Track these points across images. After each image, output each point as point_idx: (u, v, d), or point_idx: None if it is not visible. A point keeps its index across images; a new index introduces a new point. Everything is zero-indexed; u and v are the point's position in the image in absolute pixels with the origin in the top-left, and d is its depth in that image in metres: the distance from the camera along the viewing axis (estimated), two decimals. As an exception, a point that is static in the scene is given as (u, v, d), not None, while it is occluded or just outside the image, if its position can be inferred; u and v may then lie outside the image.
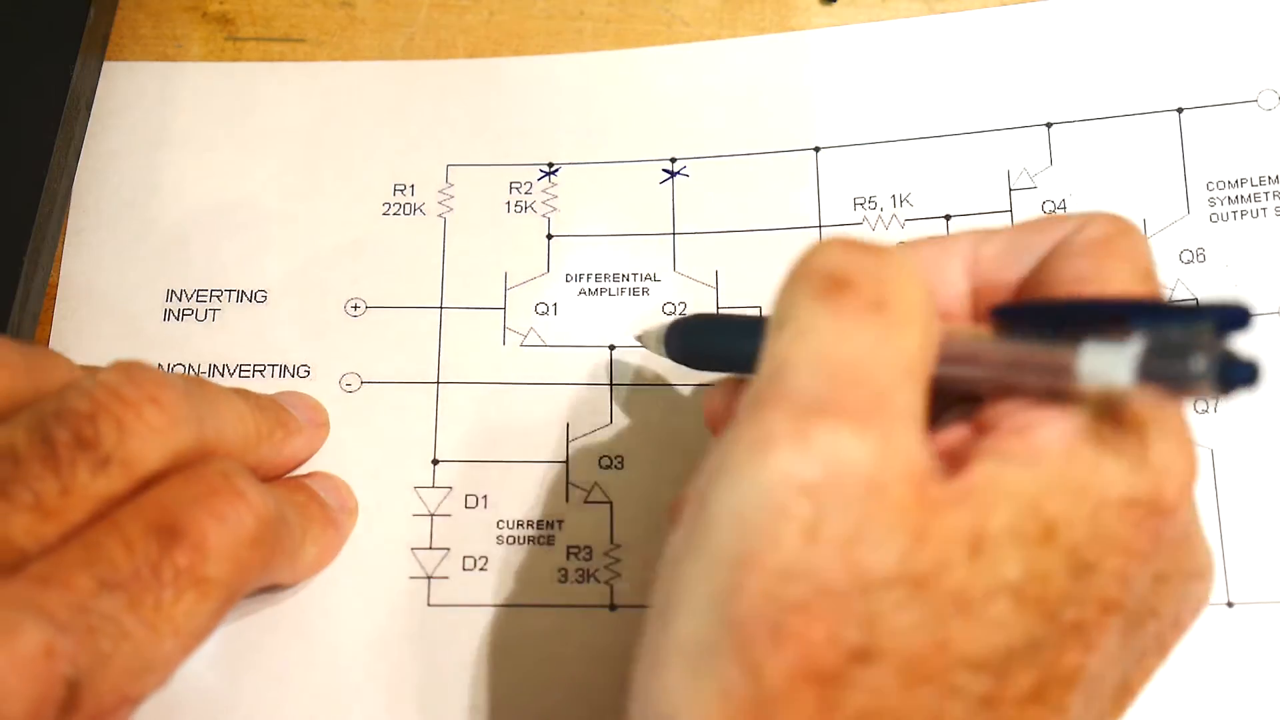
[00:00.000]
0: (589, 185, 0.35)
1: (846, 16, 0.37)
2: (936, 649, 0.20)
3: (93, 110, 0.35)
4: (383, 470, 0.31)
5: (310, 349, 0.33)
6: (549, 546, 0.31)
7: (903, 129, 0.35)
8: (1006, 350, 0.22)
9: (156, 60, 0.36)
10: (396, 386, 0.32)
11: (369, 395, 0.32)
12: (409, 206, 0.35)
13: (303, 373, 0.33)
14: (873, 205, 0.34)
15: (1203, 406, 0.32)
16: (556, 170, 0.35)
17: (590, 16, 0.38)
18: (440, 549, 0.31)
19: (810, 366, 0.20)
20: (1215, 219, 0.33)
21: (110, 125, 0.35)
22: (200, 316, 0.33)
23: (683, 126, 0.35)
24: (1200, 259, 0.32)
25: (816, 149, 0.35)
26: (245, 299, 0.33)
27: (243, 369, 0.33)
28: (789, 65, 0.36)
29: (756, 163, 0.35)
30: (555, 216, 0.35)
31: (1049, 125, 0.34)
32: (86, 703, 0.22)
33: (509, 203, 0.35)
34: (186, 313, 0.33)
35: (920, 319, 0.21)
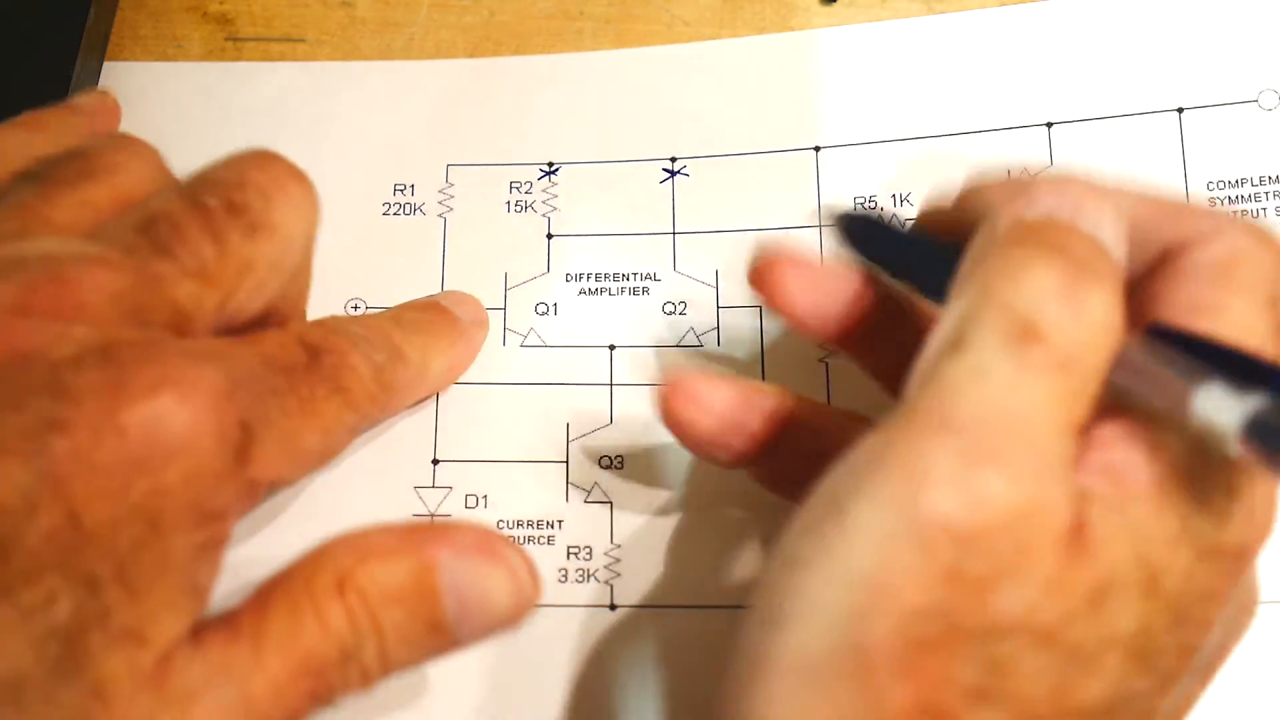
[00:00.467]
0: (589, 185, 0.35)
1: (846, 16, 0.37)
2: (1050, 697, 0.20)
3: (93, 110, 0.35)
4: (383, 470, 0.31)
5: (310, 349, 0.33)
6: (549, 546, 0.31)
7: (903, 128, 0.35)
8: (1138, 361, 0.21)
9: (156, 60, 0.37)
10: (397, 386, 0.32)
11: (369, 395, 0.32)
12: (409, 206, 0.35)
13: (303, 373, 0.33)
14: (873, 204, 0.34)
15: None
16: (556, 170, 0.35)
17: (590, 16, 0.38)
18: (440, 549, 0.31)
19: (983, 411, 0.20)
20: (1215, 219, 0.33)
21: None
22: (200, 316, 0.33)
23: (683, 126, 0.35)
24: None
25: (817, 148, 0.35)
26: (245, 299, 0.33)
27: (243, 369, 0.33)
28: (789, 65, 0.36)
29: (757, 162, 0.35)
30: (555, 216, 0.35)
31: (1049, 125, 0.34)
32: (255, 458, 0.23)
33: (509, 202, 0.35)
34: (186, 313, 0.33)
35: (1097, 379, 0.21)
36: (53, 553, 0.21)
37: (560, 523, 0.31)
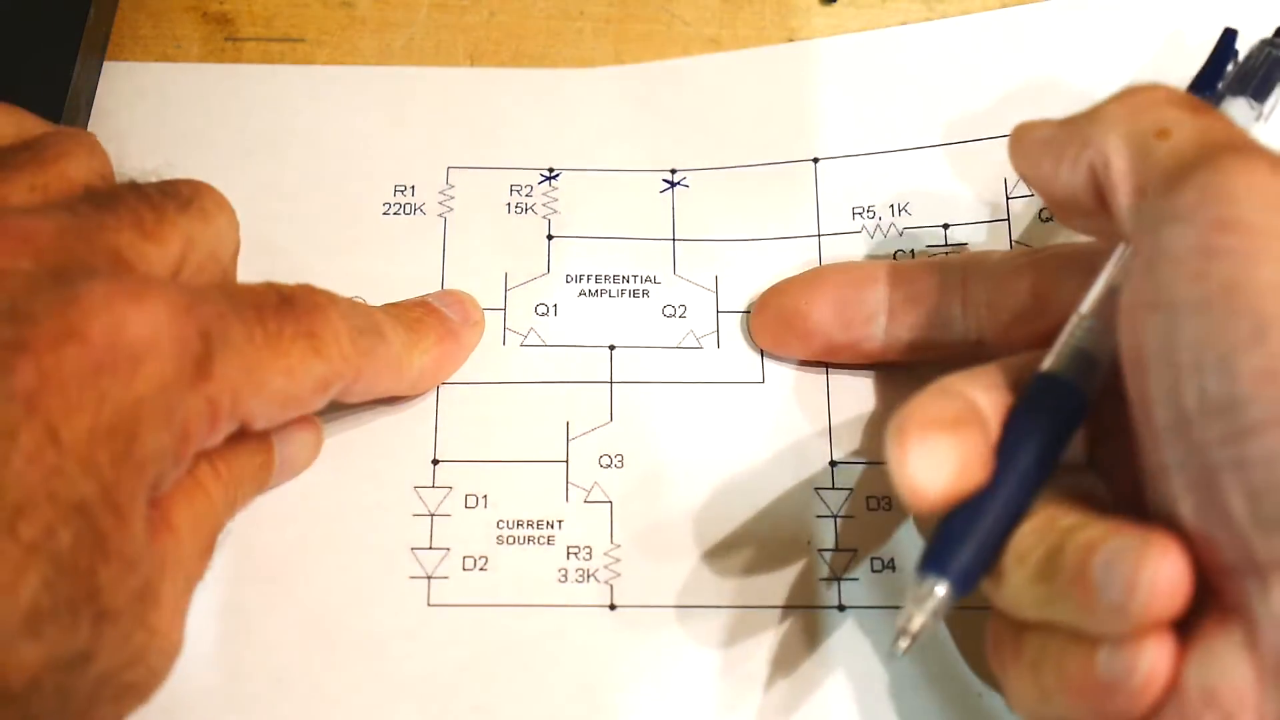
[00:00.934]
0: (589, 191, 0.35)
1: (846, 16, 0.37)
2: None
3: (92, 111, 0.35)
4: (383, 470, 0.31)
5: (310, 349, 0.33)
6: (549, 546, 0.31)
7: (900, 139, 0.35)
8: None
9: (156, 60, 0.37)
10: (397, 386, 0.32)
11: (369, 395, 0.32)
12: (409, 207, 0.35)
13: (303, 373, 0.33)
14: (871, 215, 0.34)
15: None
16: (557, 175, 0.35)
17: (590, 16, 0.38)
18: (440, 549, 0.31)
19: None
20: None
21: (110, 126, 0.35)
22: (200, 316, 0.33)
23: (683, 139, 0.36)
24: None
25: (815, 160, 0.35)
26: (245, 299, 0.33)
27: (243, 369, 0.33)
28: (787, 76, 0.36)
29: (756, 174, 0.35)
30: (555, 218, 0.35)
31: None
32: (215, 374, 0.24)
33: (509, 204, 0.35)
34: (187, 313, 0.33)
35: None
36: (39, 477, 0.21)
37: (560, 523, 0.31)
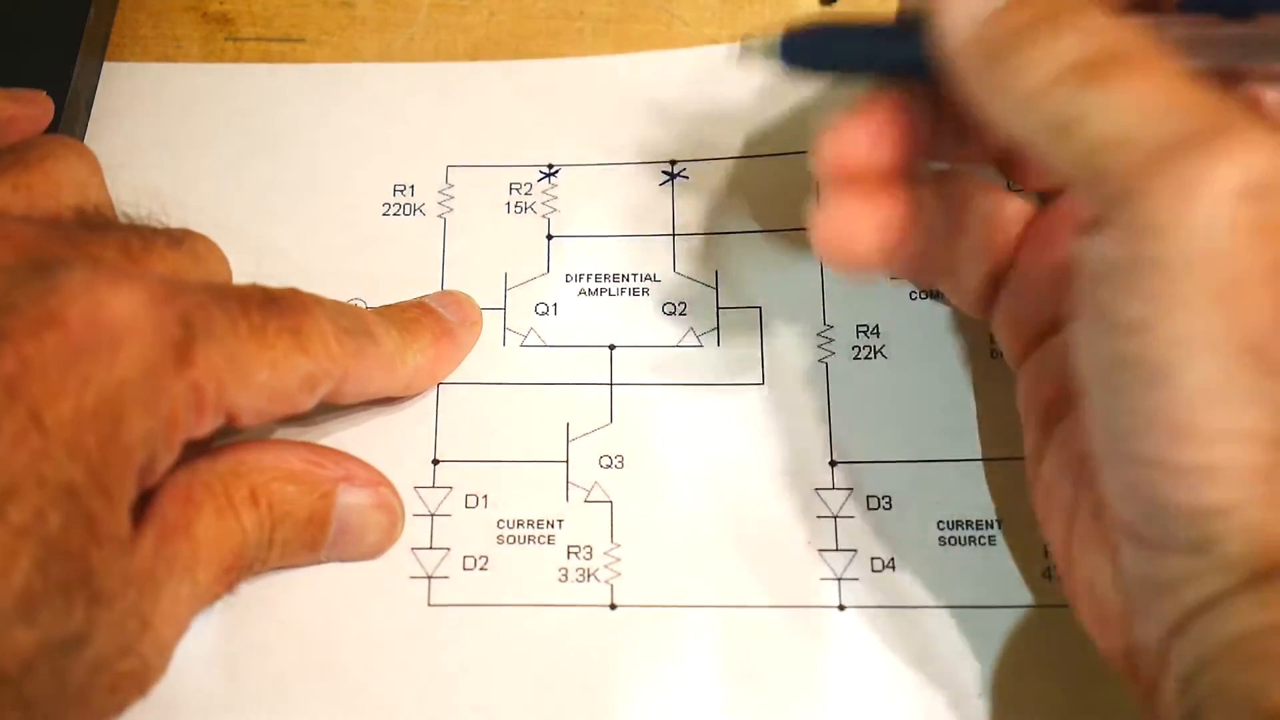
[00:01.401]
0: (589, 187, 0.35)
1: (846, 16, 0.37)
2: None
3: (92, 111, 0.35)
4: (383, 470, 0.31)
5: (310, 349, 0.33)
6: (549, 546, 0.31)
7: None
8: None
9: (156, 60, 0.37)
10: (396, 386, 0.32)
11: (369, 395, 0.32)
12: (409, 207, 0.35)
13: (303, 373, 0.33)
14: None
15: None
16: (556, 172, 0.35)
17: (590, 16, 0.38)
18: (440, 549, 0.31)
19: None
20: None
21: (110, 126, 0.35)
22: (200, 316, 0.33)
23: (682, 130, 0.35)
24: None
25: None
26: (245, 299, 0.33)
27: (243, 369, 0.33)
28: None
29: (756, 166, 0.35)
30: (555, 217, 0.35)
31: None
32: (198, 360, 0.24)
33: (509, 203, 0.35)
34: (186, 313, 0.33)
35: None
36: (25, 461, 0.22)
37: (560, 522, 0.31)
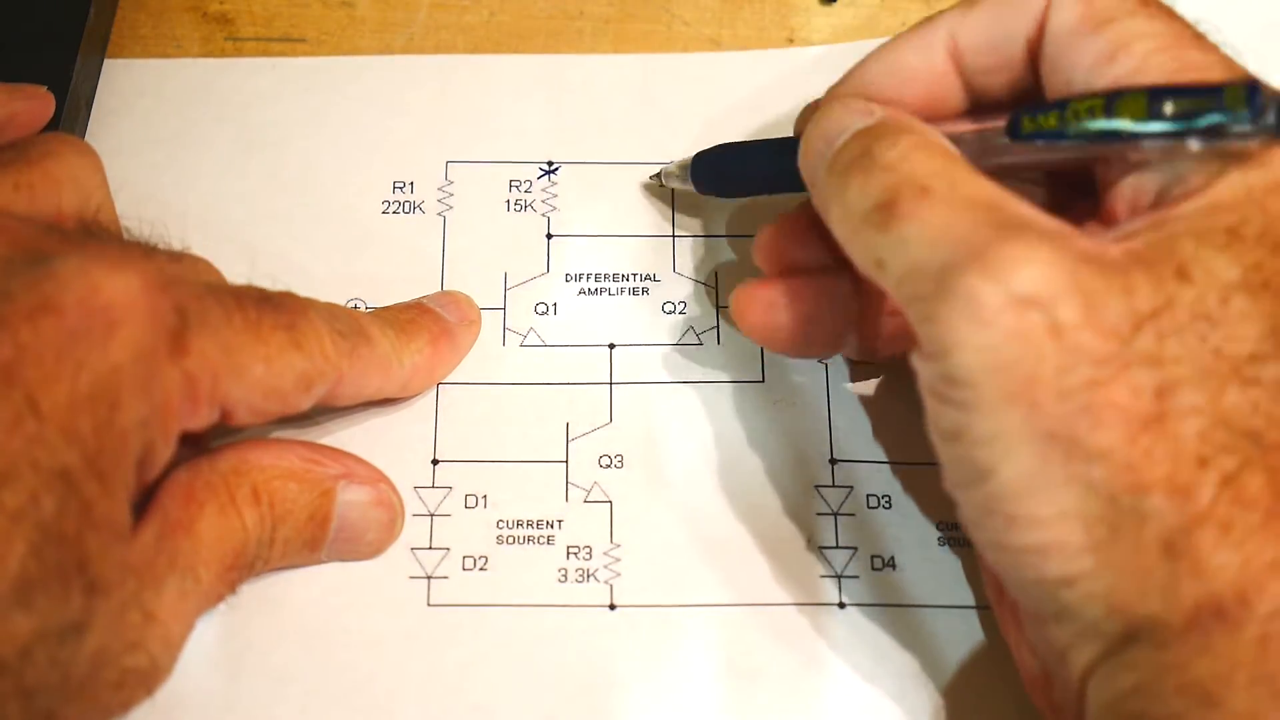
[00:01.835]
0: (588, 185, 0.35)
1: (846, 16, 0.37)
2: (1215, 357, 0.22)
3: (93, 109, 0.35)
4: (383, 470, 0.31)
5: (310, 348, 0.33)
6: (549, 546, 0.31)
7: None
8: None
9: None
10: (396, 386, 0.32)
11: (368, 395, 0.32)
12: (408, 205, 0.35)
13: (302, 372, 0.32)
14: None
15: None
16: (556, 169, 0.35)
17: (590, 16, 0.38)
18: (440, 549, 0.31)
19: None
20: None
21: (110, 124, 0.35)
22: (200, 316, 0.33)
23: (683, 132, 0.36)
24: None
25: None
26: (245, 298, 0.33)
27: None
28: (789, 78, 0.36)
29: None
30: (555, 216, 0.35)
31: None
32: (192, 349, 0.24)
33: (509, 201, 0.35)
34: (186, 312, 0.33)
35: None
36: (21, 445, 0.22)
37: (560, 523, 0.31)
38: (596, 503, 0.31)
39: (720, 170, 0.32)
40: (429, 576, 0.30)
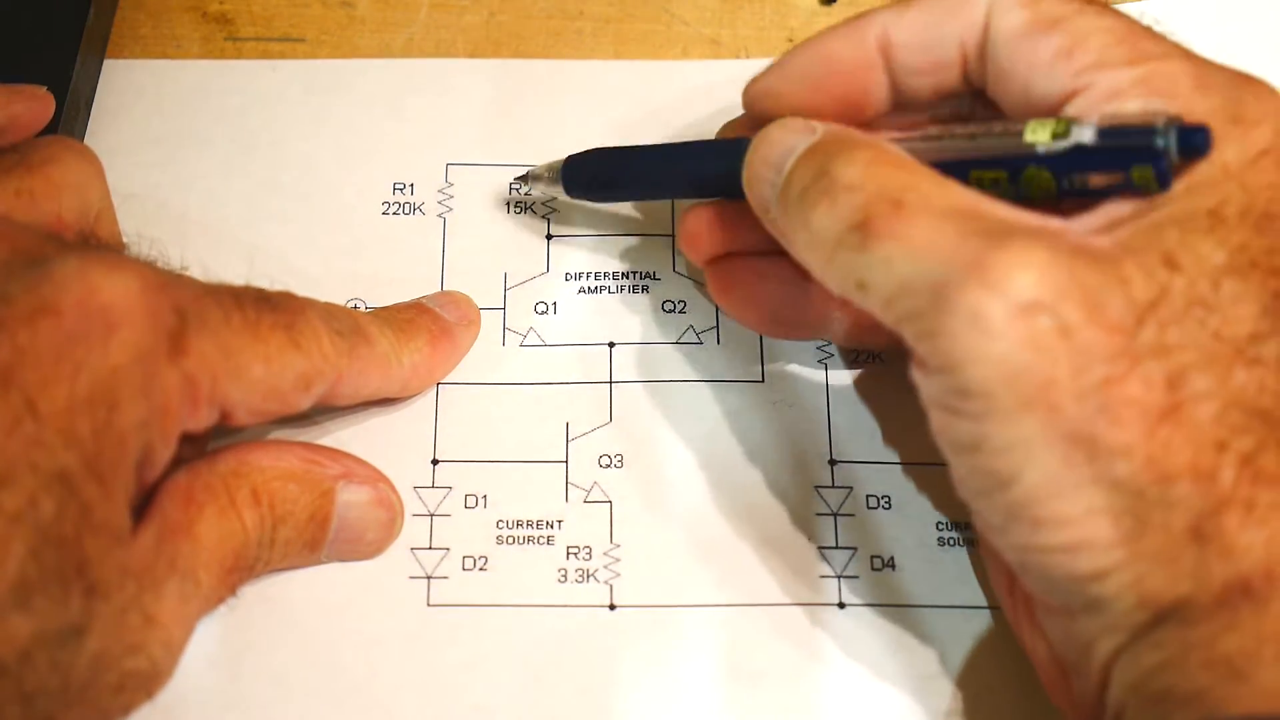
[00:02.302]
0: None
1: (846, 16, 0.37)
2: (1216, 340, 0.23)
3: (92, 109, 0.35)
4: (383, 470, 0.31)
5: (310, 349, 0.33)
6: (549, 546, 0.31)
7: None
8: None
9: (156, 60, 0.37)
10: (396, 386, 0.32)
11: (368, 395, 0.32)
12: (408, 206, 0.35)
13: (302, 372, 0.32)
14: None
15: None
16: (557, 171, 0.35)
17: (590, 16, 0.38)
18: (440, 549, 0.31)
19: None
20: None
21: (110, 124, 0.35)
22: (200, 316, 0.33)
23: (683, 135, 0.35)
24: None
25: None
26: (245, 299, 0.33)
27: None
28: None
29: None
30: (555, 217, 0.35)
31: None
32: (191, 350, 0.24)
33: (509, 202, 0.35)
34: (186, 312, 0.33)
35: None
36: (20, 448, 0.22)
37: (560, 523, 0.31)
38: (596, 503, 0.31)
39: (597, 176, 0.32)
40: (429, 576, 0.30)
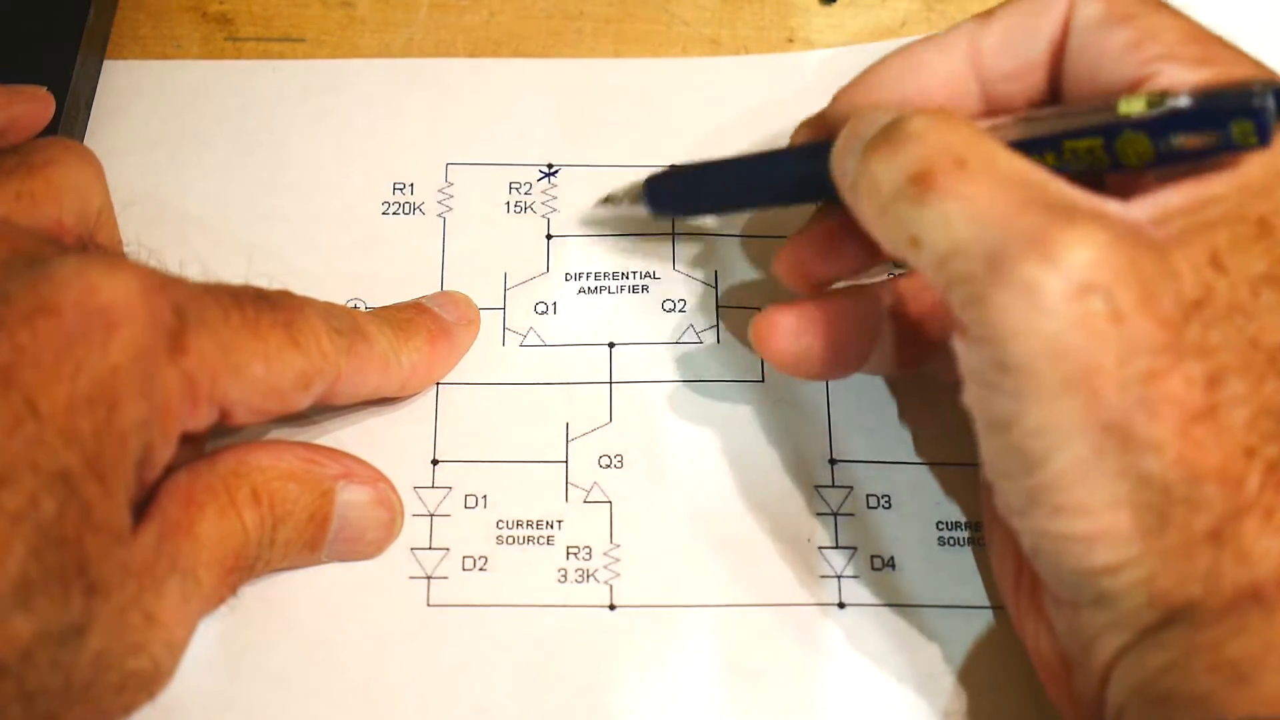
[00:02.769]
0: (588, 187, 0.35)
1: (845, 17, 0.37)
2: (1252, 347, 0.23)
3: (92, 109, 0.35)
4: (383, 470, 0.31)
5: (310, 349, 0.33)
6: (548, 546, 0.31)
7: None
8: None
9: (156, 60, 0.37)
10: (396, 386, 0.32)
11: (368, 395, 0.32)
12: (408, 206, 0.35)
13: (302, 372, 0.32)
14: None
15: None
16: (556, 172, 0.35)
17: (590, 16, 0.38)
18: (440, 549, 0.31)
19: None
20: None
21: (109, 124, 0.35)
22: (200, 316, 0.33)
23: (683, 136, 0.36)
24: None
25: None
26: (245, 299, 0.33)
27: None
28: (789, 82, 0.36)
29: None
30: (555, 216, 0.35)
31: None
32: (191, 348, 0.24)
33: (508, 203, 0.35)
34: (186, 312, 0.33)
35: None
36: (20, 448, 0.22)
37: (560, 523, 0.31)
38: (596, 503, 0.31)
39: (680, 192, 0.32)
40: (429, 576, 0.30)
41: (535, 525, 0.31)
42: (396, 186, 0.35)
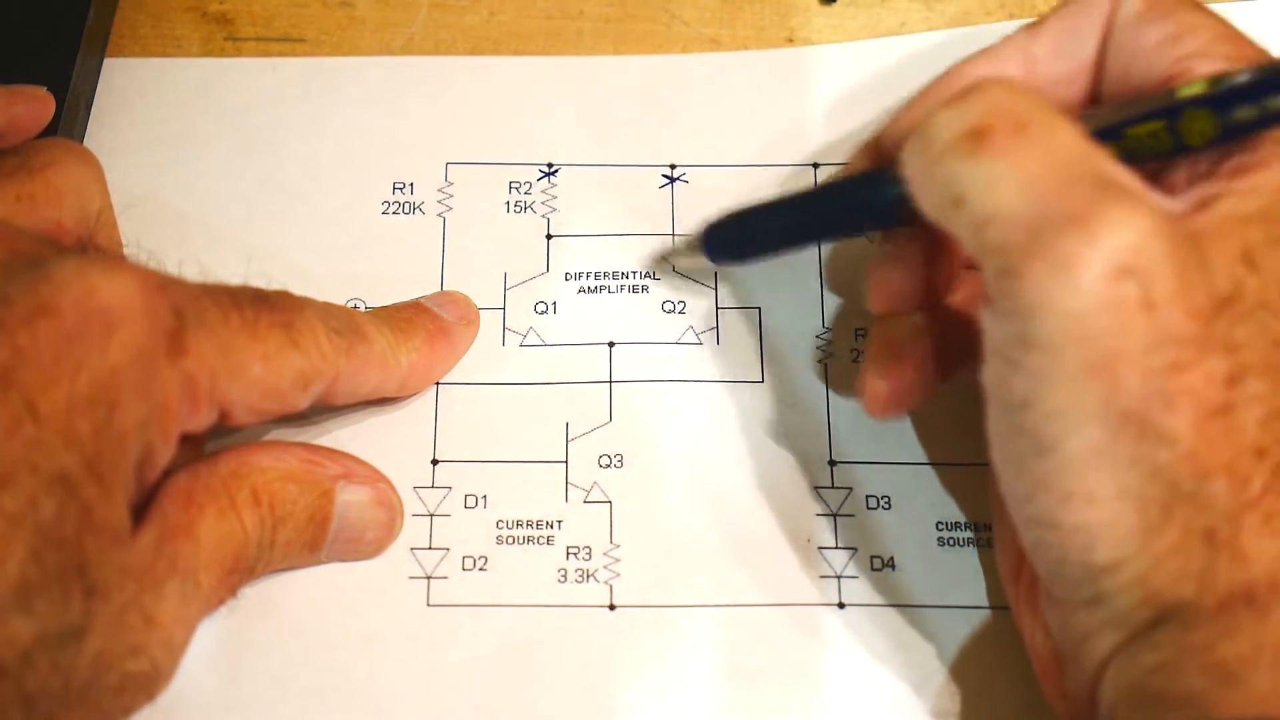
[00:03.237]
0: (588, 187, 0.35)
1: (846, 16, 0.37)
2: (1274, 348, 0.23)
3: (92, 109, 0.35)
4: (382, 470, 0.31)
5: (310, 349, 0.33)
6: (548, 546, 0.31)
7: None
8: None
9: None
10: (396, 386, 0.32)
11: (368, 395, 0.32)
12: (408, 205, 0.35)
13: (302, 372, 0.32)
14: None
15: None
16: (556, 171, 0.35)
17: (590, 16, 0.38)
18: (440, 549, 0.31)
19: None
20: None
21: (110, 124, 0.35)
22: (199, 316, 0.33)
23: (683, 134, 0.36)
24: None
25: (815, 165, 0.35)
26: (245, 299, 0.33)
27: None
28: (789, 81, 0.36)
29: (756, 175, 0.35)
30: (555, 217, 0.35)
31: None
32: (190, 349, 0.24)
33: (508, 202, 0.35)
34: (186, 312, 0.33)
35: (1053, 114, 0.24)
36: (20, 449, 0.22)
37: (560, 523, 0.31)
38: (596, 503, 0.31)
39: (738, 239, 0.32)
40: (429, 576, 0.30)
41: (535, 525, 0.31)
42: (396, 186, 0.35)
